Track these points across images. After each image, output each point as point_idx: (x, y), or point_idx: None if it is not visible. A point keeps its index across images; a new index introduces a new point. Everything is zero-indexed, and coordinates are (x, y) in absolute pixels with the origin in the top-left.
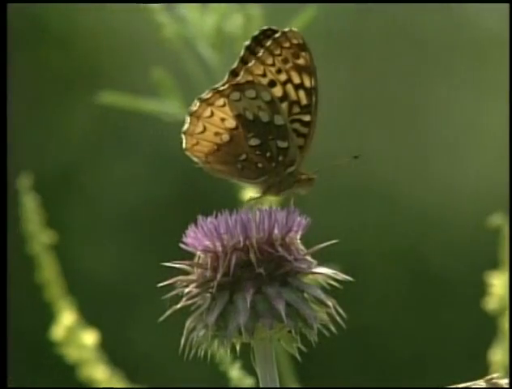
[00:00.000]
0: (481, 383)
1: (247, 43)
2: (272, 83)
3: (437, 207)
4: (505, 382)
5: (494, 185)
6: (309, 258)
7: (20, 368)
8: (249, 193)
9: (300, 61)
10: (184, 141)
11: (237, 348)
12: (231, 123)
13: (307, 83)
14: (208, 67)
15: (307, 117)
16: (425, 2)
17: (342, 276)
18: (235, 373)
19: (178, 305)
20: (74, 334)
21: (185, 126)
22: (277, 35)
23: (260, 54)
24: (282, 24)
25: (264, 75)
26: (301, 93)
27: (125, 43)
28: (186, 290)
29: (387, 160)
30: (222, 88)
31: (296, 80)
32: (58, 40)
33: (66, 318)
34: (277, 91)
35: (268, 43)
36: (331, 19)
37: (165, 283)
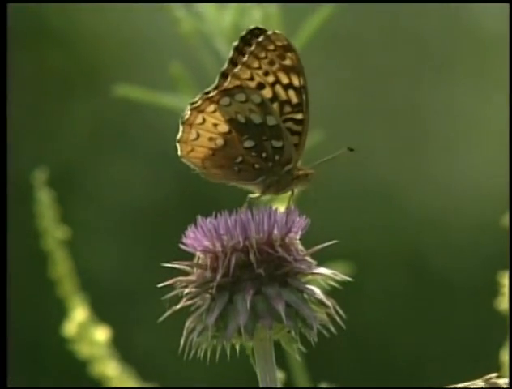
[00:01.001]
0: (480, 383)
1: (235, 44)
2: (261, 86)
3: (438, 207)
4: (503, 381)
5: (494, 185)
6: (308, 258)
7: (20, 368)
8: (249, 193)
9: (287, 62)
10: (179, 149)
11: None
12: (224, 128)
13: (296, 82)
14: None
15: (299, 116)
16: (426, 2)
17: (341, 277)
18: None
19: (178, 306)
20: (86, 330)
21: (179, 134)
22: (260, 38)
23: (245, 59)
24: (297, 23)
25: (252, 79)
26: (291, 93)
27: (126, 42)
28: (186, 291)
29: (387, 160)
30: (211, 95)
31: (285, 80)
32: (59, 40)
33: (79, 315)
34: (266, 92)
35: (252, 47)
36: (333, 18)
37: (164, 283)
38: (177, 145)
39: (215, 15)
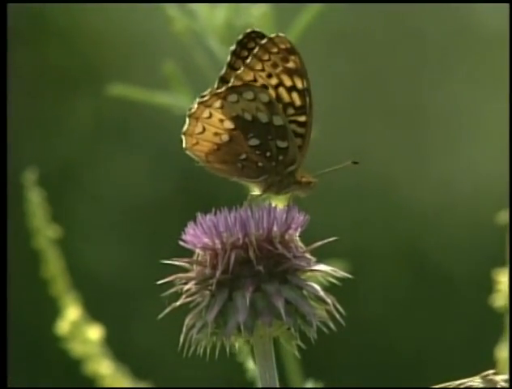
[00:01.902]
0: (477, 380)
1: (232, 48)
2: (264, 88)
3: (437, 203)
4: (500, 378)
5: (494, 182)
6: (308, 255)
7: (20, 368)
8: (251, 191)
9: (290, 65)
10: (184, 141)
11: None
12: (229, 124)
13: (299, 84)
14: (217, 61)
15: (302, 118)
16: (426, 2)
17: (341, 273)
18: (252, 364)
19: (177, 303)
20: (79, 329)
21: (185, 127)
22: (263, 41)
23: (248, 61)
24: (288, 22)
25: (255, 81)
26: (294, 95)
27: (126, 39)
28: (186, 287)
29: (387, 157)
30: (219, 91)
31: (288, 83)
32: (59, 36)
33: (71, 313)
34: None
35: (255, 50)
36: (332, 17)
37: (164, 280)
38: (182, 137)
39: (208, 14)
